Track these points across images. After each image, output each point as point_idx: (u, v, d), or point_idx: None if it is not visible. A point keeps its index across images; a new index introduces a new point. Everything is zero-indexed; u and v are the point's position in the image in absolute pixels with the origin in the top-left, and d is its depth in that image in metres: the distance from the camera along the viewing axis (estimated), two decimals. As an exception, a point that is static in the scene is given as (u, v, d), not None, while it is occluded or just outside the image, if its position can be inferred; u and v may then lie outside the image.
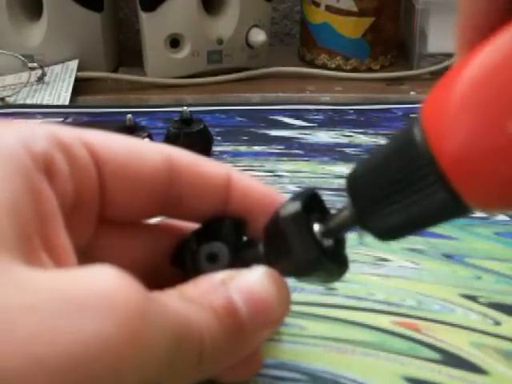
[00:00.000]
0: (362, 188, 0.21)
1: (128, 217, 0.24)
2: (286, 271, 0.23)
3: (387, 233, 0.21)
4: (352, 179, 0.21)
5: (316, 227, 0.22)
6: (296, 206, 0.22)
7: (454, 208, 0.19)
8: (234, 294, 0.20)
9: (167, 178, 0.23)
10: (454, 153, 0.18)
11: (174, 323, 0.18)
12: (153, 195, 0.23)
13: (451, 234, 0.36)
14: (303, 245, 0.22)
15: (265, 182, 0.42)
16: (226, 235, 0.24)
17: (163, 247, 0.25)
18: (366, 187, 0.20)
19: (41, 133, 0.20)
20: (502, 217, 0.38)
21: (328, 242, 0.22)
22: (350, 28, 0.62)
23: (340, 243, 0.23)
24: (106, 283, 0.16)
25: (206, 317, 0.19)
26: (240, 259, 0.24)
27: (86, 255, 0.22)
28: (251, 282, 0.21)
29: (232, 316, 0.20)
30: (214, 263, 0.24)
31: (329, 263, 0.22)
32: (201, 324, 0.19)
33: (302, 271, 0.23)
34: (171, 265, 0.25)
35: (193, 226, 0.25)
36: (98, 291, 0.16)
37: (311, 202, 0.23)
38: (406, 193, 0.19)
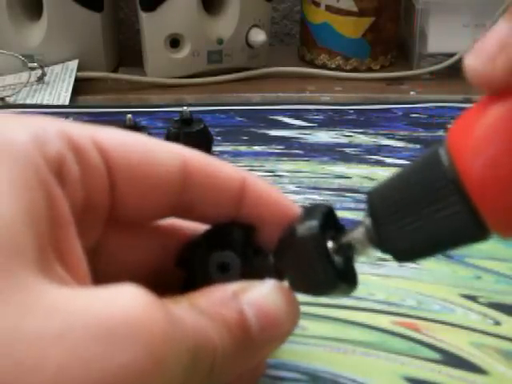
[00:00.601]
0: (382, 205, 0.21)
1: (137, 218, 0.23)
2: (296, 287, 0.23)
3: (404, 252, 0.21)
4: (373, 195, 0.21)
5: (329, 244, 0.22)
6: (314, 225, 0.22)
7: (474, 230, 0.19)
8: (245, 308, 0.20)
9: (180, 180, 0.22)
10: (478, 175, 0.18)
11: (191, 339, 0.18)
12: (165, 198, 0.22)
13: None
14: (319, 267, 0.22)
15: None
16: (236, 242, 0.24)
17: (168, 247, 0.25)
18: (387, 204, 0.20)
19: (53, 131, 0.19)
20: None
21: (339, 259, 0.22)
22: (350, 28, 0.62)
23: (349, 258, 0.23)
24: (131, 307, 0.16)
25: (217, 329, 0.19)
26: (250, 268, 0.23)
27: (93, 255, 0.22)
28: (262, 295, 0.21)
29: (243, 329, 0.20)
30: (225, 273, 0.23)
31: (342, 284, 0.22)
32: (213, 336, 0.19)
33: (314, 290, 0.23)
34: (176, 266, 0.25)
35: (199, 227, 0.25)
36: (123, 317, 0.16)
37: (327, 218, 0.23)
38: (427, 211, 0.19)
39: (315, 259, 0.22)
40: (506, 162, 0.18)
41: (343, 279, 0.22)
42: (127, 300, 0.16)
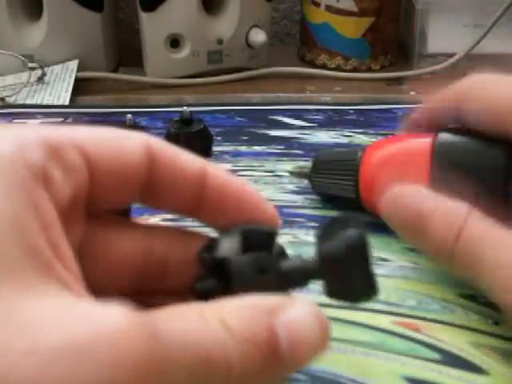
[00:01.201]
0: None
1: (109, 207, 0.24)
2: (334, 293, 0.22)
3: None
4: None
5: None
6: (361, 234, 0.22)
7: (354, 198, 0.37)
8: (279, 328, 0.20)
9: (147, 169, 0.23)
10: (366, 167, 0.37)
11: (187, 356, 0.17)
12: (134, 186, 0.23)
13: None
14: (365, 273, 0.22)
15: (264, 182, 0.42)
16: (268, 244, 0.23)
17: (153, 246, 0.25)
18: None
19: (34, 139, 0.20)
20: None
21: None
22: (350, 28, 0.62)
23: None
24: (106, 326, 0.16)
25: (241, 345, 0.19)
26: (281, 271, 0.23)
27: (79, 256, 0.22)
28: (299, 317, 0.20)
29: (272, 349, 0.19)
30: (263, 275, 0.22)
31: (377, 294, 0.22)
32: (230, 352, 0.18)
33: (354, 296, 0.23)
34: (198, 262, 0.24)
35: (184, 228, 0.25)
36: (103, 337, 0.16)
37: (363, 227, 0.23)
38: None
39: (362, 266, 0.22)
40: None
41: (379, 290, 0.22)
42: (104, 318, 0.16)
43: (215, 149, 0.46)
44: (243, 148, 0.47)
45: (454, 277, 0.33)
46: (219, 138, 0.48)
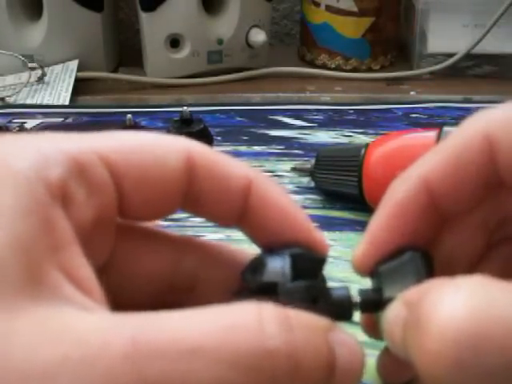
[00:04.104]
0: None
1: (145, 219, 0.23)
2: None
3: None
4: None
5: None
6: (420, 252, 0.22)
7: (357, 193, 0.38)
8: (335, 345, 0.19)
9: (186, 177, 0.22)
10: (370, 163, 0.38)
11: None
12: (171, 196, 0.22)
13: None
14: None
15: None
16: (319, 271, 0.22)
17: (182, 260, 0.24)
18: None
19: (55, 154, 0.19)
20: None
21: None
22: (350, 28, 0.62)
23: None
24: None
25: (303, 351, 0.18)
26: (333, 304, 0.22)
27: (107, 269, 0.22)
28: (350, 339, 0.20)
29: (330, 368, 0.19)
30: (315, 304, 0.21)
31: None
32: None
33: None
34: (242, 280, 0.23)
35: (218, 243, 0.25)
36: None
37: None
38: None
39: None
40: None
41: None
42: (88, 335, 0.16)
43: (215, 149, 0.46)
44: (243, 148, 0.47)
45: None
46: (219, 138, 0.48)
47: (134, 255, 0.23)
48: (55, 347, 0.16)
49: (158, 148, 0.21)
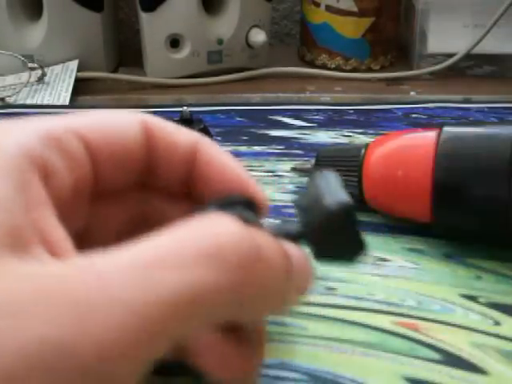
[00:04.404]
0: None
1: (115, 188, 0.24)
2: (322, 255, 0.23)
3: None
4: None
5: None
6: (348, 200, 0.23)
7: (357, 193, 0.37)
8: (288, 249, 0.22)
9: (146, 147, 0.24)
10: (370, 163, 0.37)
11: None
12: (135, 167, 0.24)
13: (451, 234, 0.36)
14: (354, 235, 0.23)
15: (264, 182, 0.42)
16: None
17: (140, 213, 0.26)
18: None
19: (33, 131, 0.21)
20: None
21: None
22: (350, 28, 0.62)
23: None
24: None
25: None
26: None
27: (87, 231, 0.23)
28: (297, 249, 0.23)
29: (287, 256, 0.21)
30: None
31: (365, 250, 0.23)
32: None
33: (343, 256, 0.24)
34: None
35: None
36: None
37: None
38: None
39: (350, 229, 0.23)
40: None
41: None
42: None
43: (215, 149, 0.46)
44: (243, 148, 0.47)
45: (454, 277, 0.33)
46: (219, 138, 0.48)
47: (106, 215, 0.25)
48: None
49: (120, 122, 0.24)
